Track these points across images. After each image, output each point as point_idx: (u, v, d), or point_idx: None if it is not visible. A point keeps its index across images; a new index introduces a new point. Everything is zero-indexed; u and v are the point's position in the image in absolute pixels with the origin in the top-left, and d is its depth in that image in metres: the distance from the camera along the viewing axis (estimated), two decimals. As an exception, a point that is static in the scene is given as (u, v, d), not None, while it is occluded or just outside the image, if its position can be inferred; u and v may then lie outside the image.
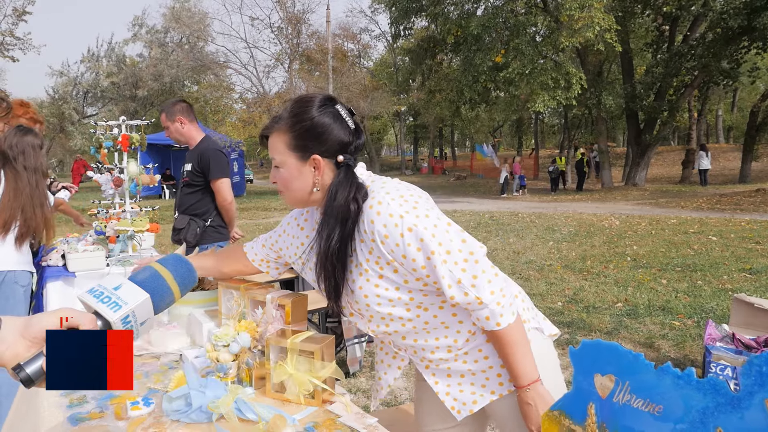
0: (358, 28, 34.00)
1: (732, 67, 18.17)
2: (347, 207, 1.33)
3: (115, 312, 0.80)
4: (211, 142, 3.64)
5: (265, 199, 20.11)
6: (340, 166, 1.37)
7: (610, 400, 0.84)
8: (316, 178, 1.37)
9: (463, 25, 19.62)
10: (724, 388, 0.71)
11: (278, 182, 1.42)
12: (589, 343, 0.89)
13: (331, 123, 1.35)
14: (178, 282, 0.88)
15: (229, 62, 22.31)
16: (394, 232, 1.28)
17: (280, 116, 1.39)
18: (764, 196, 14.95)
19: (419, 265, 1.30)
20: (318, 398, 1.46)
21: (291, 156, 1.36)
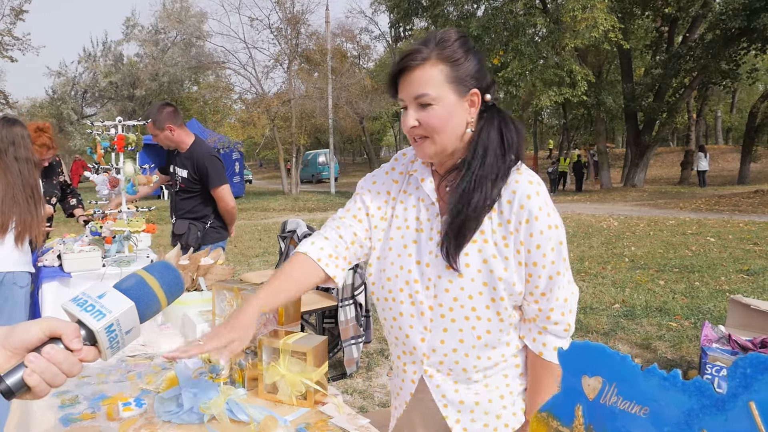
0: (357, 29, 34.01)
1: (731, 68, 18.17)
2: (516, 150, 1.26)
3: (98, 321, 0.77)
4: (204, 146, 3.62)
5: (264, 200, 20.11)
6: (488, 108, 1.28)
7: (598, 402, 0.84)
8: (470, 117, 1.26)
9: (462, 26, 19.62)
10: (709, 390, 0.71)
11: (426, 123, 1.23)
12: (577, 344, 0.89)
13: (478, 60, 1.26)
14: (165, 290, 0.86)
15: (228, 62, 22.32)
16: (545, 219, 1.22)
17: (428, 46, 1.22)
18: (763, 198, 14.96)
19: (541, 264, 1.24)
20: (310, 399, 1.46)
21: (450, 90, 1.22)
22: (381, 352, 4.27)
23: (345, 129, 28.27)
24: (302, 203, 18.87)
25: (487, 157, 1.24)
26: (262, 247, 9.41)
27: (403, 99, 1.25)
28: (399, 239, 1.34)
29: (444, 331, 1.28)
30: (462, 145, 1.28)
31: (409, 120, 1.23)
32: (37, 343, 0.75)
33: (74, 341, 0.76)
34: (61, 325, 0.76)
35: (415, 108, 1.23)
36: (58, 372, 0.74)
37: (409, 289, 1.31)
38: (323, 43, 22.20)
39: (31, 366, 0.73)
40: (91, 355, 0.78)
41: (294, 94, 21.00)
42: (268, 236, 10.76)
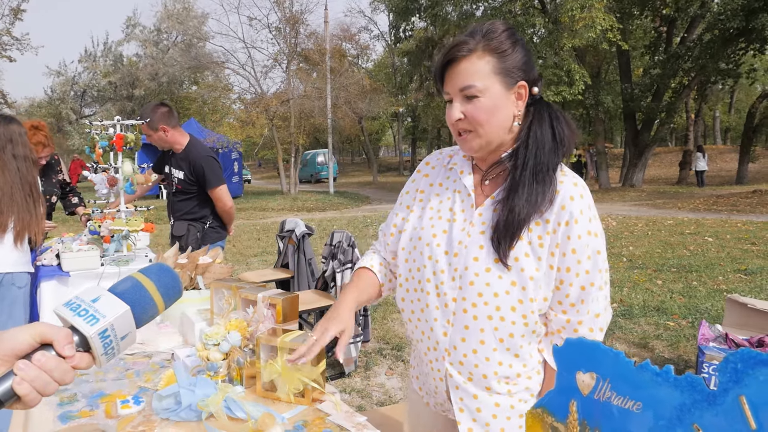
0: (356, 28, 34.01)
1: (731, 68, 18.19)
2: (567, 144, 1.22)
3: (92, 326, 0.73)
4: (200, 146, 3.61)
5: (262, 200, 20.10)
6: (535, 101, 1.25)
7: (592, 398, 0.85)
8: (518, 110, 1.23)
9: (461, 26, 19.64)
10: (701, 385, 0.72)
11: (472, 116, 1.20)
12: (571, 341, 0.90)
13: (525, 52, 1.23)
14: (162, 293, 0.82)
15: (227, 62, 22.31)
16: (585, 225, 1.19)
17: (475, 37, 1.20)
18: (761, 198, 14.98)
19: (574, 271, 1.20)
20: (308, 397, 1.46)
21: (497, 82, 1.19)
22: (379, 352, 4.27)
23: (344, 129, 28.25)
24: (301, 203, 18.87)
25: (540, 151, 1.20)
26: (260, 247, 9.41)
27: (449, 92, 1.22)
28: (429, 229, 1.32)
29: (465, 328, 1.24)
30: (509, 138, 1.25)
31: (454, 113, 1.21)
32: (28, 349, 0.72)
33: (66, 347, 0.72)
34: (52, 331, 0.72)
35: (461, 100, 1.20)
36: (50, 380, 0.71)
37: (436, 279, 1.28)
38: (322, 43, 22.19)
39: (20, 374, 0.69)
40: (84, 361, 0.74)
41: (293, 93, 20.99)
42: (266, 236, 10.76)
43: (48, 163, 3.98)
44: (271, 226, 12.21)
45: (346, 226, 11.98)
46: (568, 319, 1.23)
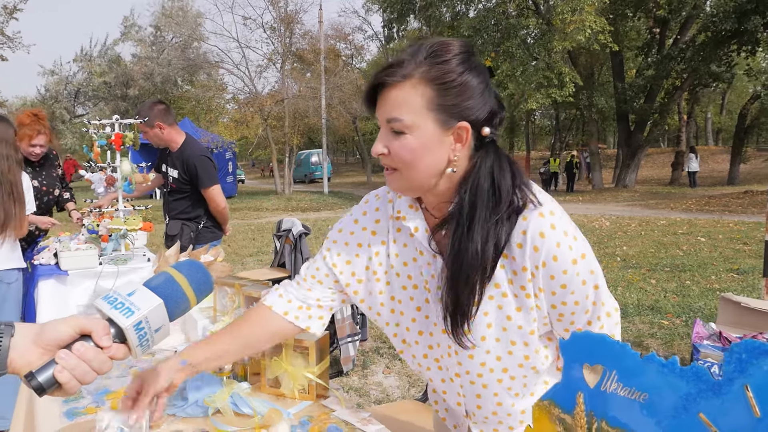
0: (350, 28, 34.04)
1: (723, 70, 18.36)
2: (511, 201, 1.01)
3: (127, 318, 0.78)
4: (195, 145, 3.60)
5: (256, 200, 20.08)
6: (484, 144, 1.04)
7: (598, 389, 0.87)
8: (454, 155, 1.02)
9: (455, 27, 19.70)
10: (706, 375, 0.74)
11: (396, 154, 1.02)
12: (578, 334, 0.92)
13: (480, 82, 1.01)
14: (194, 287, 0.85)
15: (221, 62, 22.28)
16: (566, 256, 1.02)
17: (412, 60, 0.99)
18: (752, 198, 15.12)
19: (572, 301, 1.06)
20: (312, 393, 1.48)
21: (430, 118, 0.99)
22: (377, 350, 4.29)
23: (338, 129, 28.28)
24: (295, 203, 18.86)
25: (474, 212, 1.01)
26: (256, 247, 9.41)
27: (377, 117, 1.05)
28: (408, 301, 1.17)
29: (478, 397, 1.16)
30: (446, 185, 1.05)
31: (377, 145, 1.04)
32: (69, 340, 0.77)
33: (104, 338, 0.77)
34: (90, 323, 0.78)
35: (387, 132, 1.02)
36: (89, 369, 0.76)
37: (433, 354, 1.19)
38: (316, 43, 22.20)
39: (61, 363, 0.74)
40: (120, 352, 0.79)
41: (287, 93, 20.98)
42: (261, 236, 10.76)
43: (46, 156, 3.96)
44: (266, 226, 12.20)
45: (341, 226, 12.00)
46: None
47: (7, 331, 0.76)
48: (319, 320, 1.28)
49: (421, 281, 1.15)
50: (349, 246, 1.23)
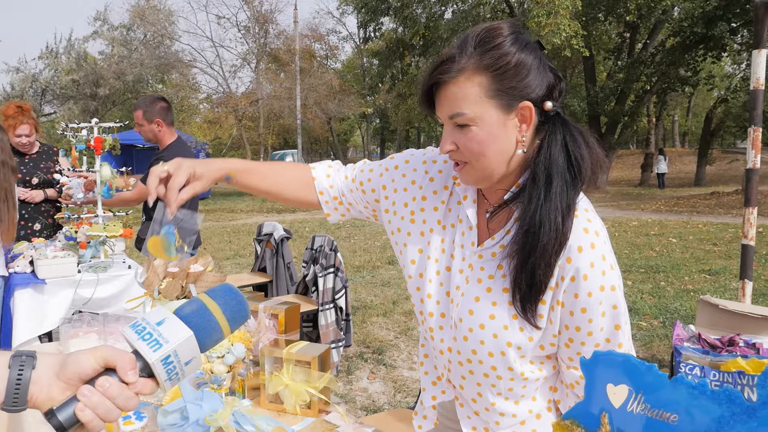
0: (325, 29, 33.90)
1: (690, 75, 18.85)
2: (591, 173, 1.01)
3: (154, 351, 0.71)
4: (178, 148, 3.52)
5: (230, 201, 19.81)
6: (549, 118, 1.02)
7: (624, 410, 0.87)
8: (522, 135, 1.01)
9: (431, 27, 19.80)
10: (740, 398, 0.74)
11: (465, 148, 1.02)
12: (600, 353, 0.92)
13: (534, 58, 1.00)
14: (228, 317, 0.78)
15: (194, 61, 21.93)
16: (596, 279, 1.00)
17: (463, 53, 0.99)
18: (719, 199, 15.55)
19: (586, 330, 1.03)
20: (314, 408, 1.45)
21: (491, 106, 0.98)
22: (360, 356, 4.26)
23: (313, 129, 28.11)
24: (270, 204, 18.65)
25: (551, 184, 0.99)
26: (232, 249, 9.28)
27: (439, 116, 1.05)
28: (434, 263, 1.17)
29: (462, 378, 1.16)
30: (514, 167, 1.05)
31: (445, 143, 1.04)
32: (92, 374, 0.71)
33: (129, 373, 0.71)
34: (116, 356, 0.71)
35: (452, 128, 1.02)
36: (113, 407, 0.70)
37: (434, 322, 1.17)
38: (291, 43, 22.03)
39: (83, 400, 0.68)
40: (147, 388, 0.73)
41: (262, 93, 20.77)
42: (237, 238, 10.62)
43: (38, 153, 3.94)
44: (242, 228, 12.05)
45: (319, 228, 11.92)
46: (582, 376, 1.05)
47: (29, 362, 0.71)
48: (341, 216, 1.34)
49: (450, 248, 1.14)
50: (405, 178, 1.23)
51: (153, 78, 25.86)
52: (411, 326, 4.92)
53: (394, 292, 6.14)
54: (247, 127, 21.39)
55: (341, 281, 3.87)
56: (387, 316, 5.27)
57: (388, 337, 4.70)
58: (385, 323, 5.07)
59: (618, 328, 1.03)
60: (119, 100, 27.60)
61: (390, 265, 7.72)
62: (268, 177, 1.27)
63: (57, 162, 3.98)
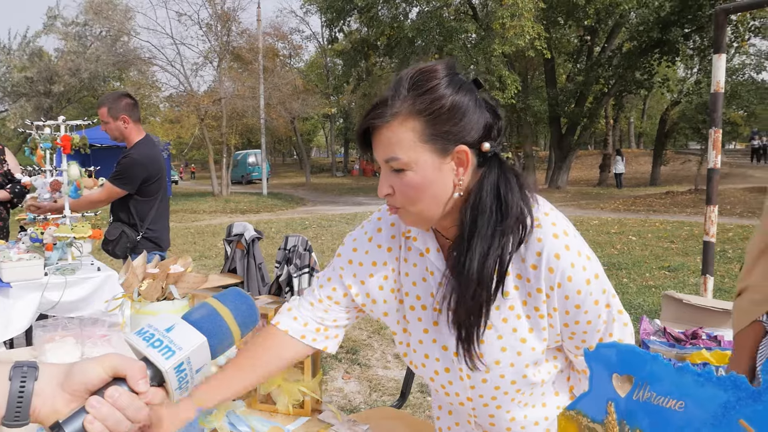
0: (288, 28, 33.63)
1: (646, 78, 19.49)
2: (519, 214, 1.00)
3: (167, 359, 0.68)
4: (145, 147, 3.43)
5: (193, 202, 19.44)
6: (487, 158, 1.01)
7: (630, 398, 0.90)
8: (459, 178, 1.01)
9: (395, 28, 19.87)
10: (745, 384, 0.77)
11: (401, 193, 1.01)
12: (604, 345, 0.95)
13: (469, 99, 0.99)
14: (239, 322, 0.76)
15: (154, 58, 21.39)
16: (580, 277, 1.02)
17: (396, 96, 0.98)
18: (673, 198, 16.13)
19: (585, 320, 1.06)
20: (307, 408, 1.45)
21: (426, 151, 0.97)
22: (334, 356, 4.25)
23: (276, 129, 27.83)
24: (234, 205, 18.41)
25: (476, 226, 0.99)
26: (197, 251, 9.11)
27: (376, 159, 1.03)
28: (416, 322, 1.16)
29: (491, 416, 1.16)
30: (454, 208, 1.04)
31: (382, 187, 1.03)
32: (99, 384, 0.68)
33: (141, 383, 0.68)
34: (125, 364, 0.68)
35: (388, 172, 1.01)
36: (123, 418, 0.66)
37: (441, 379, 1.16)
38: (254, 42, 21.76)
39: (92, 411, 0.65)
40: (158, 397, 0.70)
41: (224, 92, 20.44)
42: (202, 239, 10.43)
43: None
44: (206, 229, 11.85)
45: (285, 228, 11.82)
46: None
47: (31, 374, 0.67)
48: (335, 339, 1.26)
49: (431, 303, 1.13)
50: (363, 266, 1.19)
51: (110, 75, 25.12)
52: (383, 325, 4.93)
53: (365, 292, 6.15)
54: (209, 126, 20.99)
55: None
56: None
57: (361, 336, 4.70)
58: (357, 323, 5.06)
59: (609, 306, 1.08)
60: (75, 98, 26.72)
61: (359, 265, 7.72)
62: (248, 383, 1.16)
63: (4, 161, 3.82)
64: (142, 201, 3.44)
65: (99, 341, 1.86)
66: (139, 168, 3.34)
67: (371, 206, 17.21)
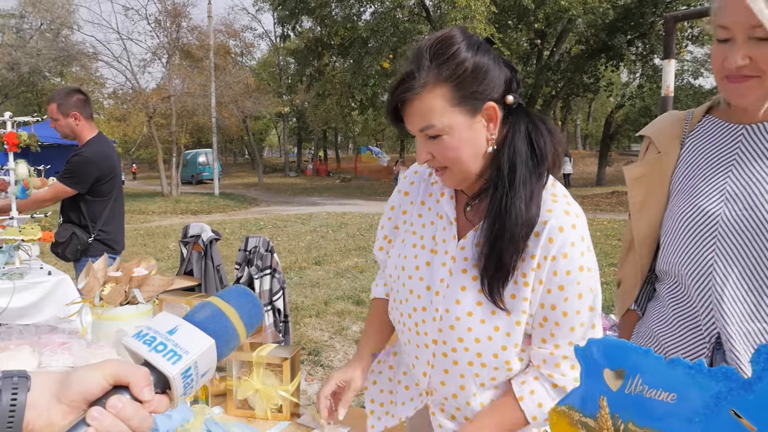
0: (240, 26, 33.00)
1: (592, 81, 20.16)
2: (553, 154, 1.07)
3: (174, 364, 0.63)
4: (97, 145, 3.31)
5: (141, 202, 18.80)
6: (512, 111, 1.08)
7: (622, 392, 0.91)
8: (491, 133, 1.07)
9: (349, 28, 19.82)
10: (735, 375, 0.80)
11: (441, 156, 1.07)
12: (594, 340, 0.96)
13: (489, 58, 1.05)
14: (245, 321, 0.72)
15: (98, 54, 20.54)
16: (576, 258, 1.05)
17: (421, 68, 1.03)
18: (618, 198, 16.75)
19: (561, 309, 1.06)
20: (287, 412, 1.42)
21: (457, 114, 1.03)
22: (296, 358, 4.20)
23: (228, 128, 27.26)
24: (184, 205, 17.92)
25: (515, 174, 1.05)
26: (148, 253, 8.81)
27: (410, 130, 1.09)
28: (412, 259, 1.20)
29: (445, 372, 1.16)
30: (488, 163, 1.10)
31: (420, 155, 1.09)
32: (99, 393, 0.62)
33: (145, 390, 0.63)
34: (128, 371, 0.63)
35: (425, 140, 1.07)
36: (127, 430, 0.61)
37: (417, 317, 1.18)
38: (205, 39, 21.24)
39: (95, 424, 0.59)
40: (162, 405, 0.65)
41: (174, 90, 19.86)
42: (153, 241, 10.10)
43: None
44: (156, 231, 11.48)
45: (239, 229, 11.59)
46: (551, 352, 1.10)
47: (22, 384, 0.61)
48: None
49: (431, 244, 1.18)
50: (391, 220, 1.33)
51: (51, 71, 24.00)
52: (345, 326, 4.91)
53: (325, 293, 6.10)
54: (158, 124, 20.34)
55: (279, 282, 3.79)
56: (320, 317, 5.22)
57: (322, 337, 4.66)
58: (318, 324, 5.02)
59: (592, 309, 1.08)
60: (12, 93, 25.44)
61: (317, 266, 7.66)
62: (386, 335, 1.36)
63: None
64: (94, 201, 3.32)
65: (58, 349, 1.76)
66: (91, 166, 3.22)
67: (326, 206, 17.10)
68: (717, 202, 1.20)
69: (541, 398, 1.10)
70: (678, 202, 1.27)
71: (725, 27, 1.08)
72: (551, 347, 1.09)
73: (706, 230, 1.21)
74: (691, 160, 1.28)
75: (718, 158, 1.23)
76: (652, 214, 1.34)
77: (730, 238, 1.18)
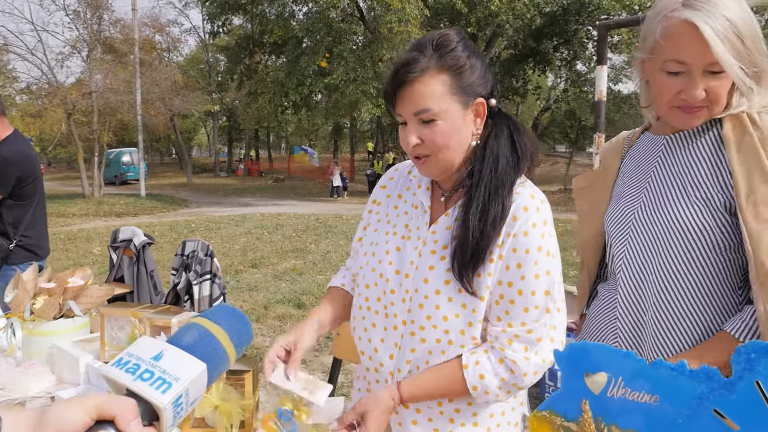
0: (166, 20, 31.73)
1: (521, 85, 20.90)
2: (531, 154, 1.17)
3: (164, 393, 0.58)
4: (14, 144, 3.08)
5: (60, 204, 17.67)
6: (493, 114, 1.18)
7: (605, 395, 0.92)
8: (476, 128, 1.16)
9: (283, 26, 19.51)
10: (717, 375, 0.81)
11: (430, 141, 1.12)
12: (575, 345, 0.96)
13: (481, 61, 1.15)
14: (235, 342, 0.67)
15: (9, 45, 19.11)
16: (535, 239, 1.11)
17: (423, 55, 1.10)
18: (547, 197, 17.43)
19: (517, 288, 1.11)
20: (249, 428, 1.35)
21: (454, 102, 1.11)
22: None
23: (156, 127, 26.14)
24: (108, 207, 17.02)
25: (499, 166, 1.14)
26: (71, 258, 8.29)
27: (401, 114, 1.14)
28: (383, 245, 1.26)
29: (412, 351, 1.18)
30: (467, 156, 1.18)
31: (410, 138, 1.13)
32: (82, 429, 0.56)
33: (133, 424, 0.57)
34: (112, 403, 0.57)
35: (416, 124, 1.12)
36: None
37: (386, 299, 1.22)
38: (129, 32, 20.25)
39: None
40: None
41: (96, 86, 18.80)
42: (75, 245, 9.52)
43: None
44: (79, 234, 10.83)
45: (169, 232, 11.13)
46: (503, 329, 1.13)
47: None
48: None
49: (404, 231, 1.25)
50: (371, 213, 1.37)
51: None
52: (286, 330, 4.80)
53: (264, 296, 5.95)
54: (78, 122, 19.18)
55: (219, 288, 3.65)
56: (260, 321, 5.09)
57: (264, 343, 4.54)
58: (259, 329, 4.89)
59: (548, 294, 1.13)
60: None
61: (254, 269, 7.47)
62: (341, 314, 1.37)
63: None
64: (15, 205, 3.07)
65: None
66: (11, 167, 2.97)
67: (260, 207, 16.74)
68: (634, 203, 1.33)
69: (484, 370, 1.12)
70: (611, 208, 1.41)
71: (682, 62, 1.17)
72: (504, 325, 1.14)
73: (624, 228, 1.34)
74: (626, 171, 1.41)
75: (644, 166, 1.36)
76: (595, 222, 1.45)
77: (638, 234, 1.31)
